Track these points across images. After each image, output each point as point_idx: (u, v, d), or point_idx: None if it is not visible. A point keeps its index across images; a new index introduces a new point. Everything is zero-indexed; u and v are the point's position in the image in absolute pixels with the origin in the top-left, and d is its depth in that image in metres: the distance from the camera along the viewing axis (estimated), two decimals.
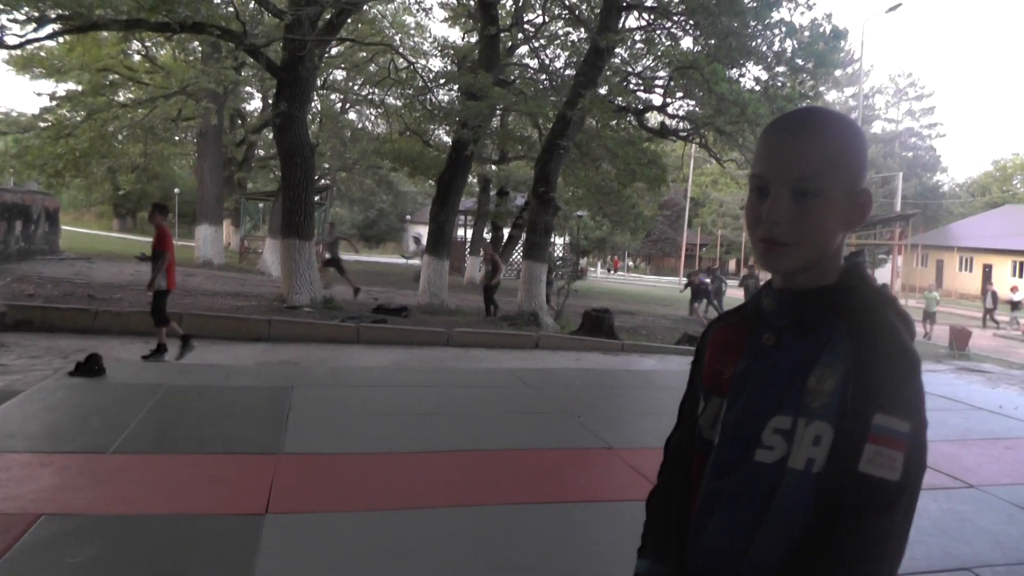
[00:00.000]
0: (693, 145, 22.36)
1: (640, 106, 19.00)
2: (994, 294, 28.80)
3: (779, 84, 16.51)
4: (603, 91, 16.38)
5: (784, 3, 15.13)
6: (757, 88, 16.53)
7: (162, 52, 26.46)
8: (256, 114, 32.53)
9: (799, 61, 15.94)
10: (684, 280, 22.98)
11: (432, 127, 24.83)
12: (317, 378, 8.75)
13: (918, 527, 4.80)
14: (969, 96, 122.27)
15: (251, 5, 17.65)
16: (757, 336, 1.34)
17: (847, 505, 1.14)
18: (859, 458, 1.13)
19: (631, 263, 71.61)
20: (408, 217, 67.87)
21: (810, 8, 15.72)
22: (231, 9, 16.04)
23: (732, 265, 58.03)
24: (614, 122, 18.42)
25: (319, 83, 26.49)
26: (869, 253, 22.48)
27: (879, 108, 68.03)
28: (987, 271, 49.20)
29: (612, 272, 62.04)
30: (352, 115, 33.71)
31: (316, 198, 22.08)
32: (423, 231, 19.51)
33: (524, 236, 18.23)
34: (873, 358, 1.17)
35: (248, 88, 29.95)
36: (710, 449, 1.35)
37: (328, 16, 15.10)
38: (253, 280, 20.54)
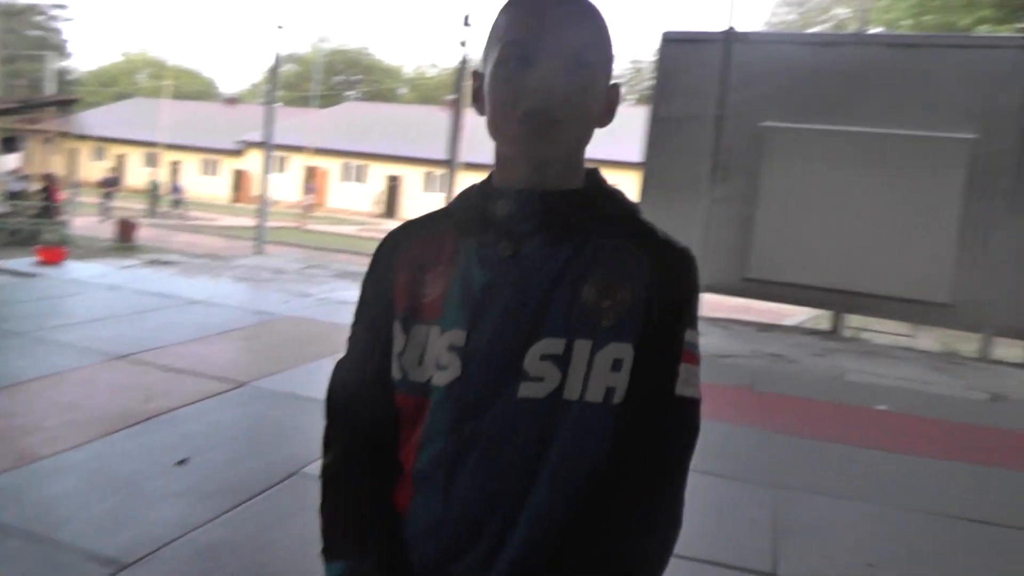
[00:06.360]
0: None
1: None
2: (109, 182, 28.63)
3: None
4: None
5: None
6: None
7: None
8: None
9: None
10: None
11: None
12: None
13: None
14: None
15: None
16: (486, 247, 1.08)
17: (660, 432, 1.02)
18: (676, 380, 1.02)
19: None
20: None
21: None
22: None
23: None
24: None
25: None
26: (23, 140, 19.11)
27: None
28: (121, 160, 46.81)
29: None
30: None
31: None
32: None
33: None
34: (677, 272, 1.06)
35: None
36: (426, 392, 1.08)
37: None
38: None
